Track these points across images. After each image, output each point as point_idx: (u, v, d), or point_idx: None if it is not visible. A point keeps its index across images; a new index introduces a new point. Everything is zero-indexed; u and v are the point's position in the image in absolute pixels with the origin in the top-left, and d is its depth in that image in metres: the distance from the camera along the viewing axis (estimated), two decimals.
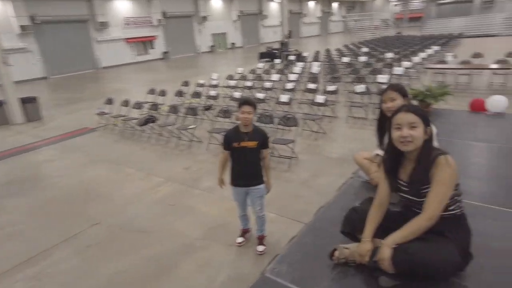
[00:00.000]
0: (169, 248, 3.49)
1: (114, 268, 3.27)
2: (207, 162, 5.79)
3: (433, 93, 4.78)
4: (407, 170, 1.83)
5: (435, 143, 2.17)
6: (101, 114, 8.37)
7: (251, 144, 2.96)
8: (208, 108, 8.53)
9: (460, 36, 23.37)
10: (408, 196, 1.84)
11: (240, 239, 3.45)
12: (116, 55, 24.31)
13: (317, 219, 2.29)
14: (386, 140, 2.46)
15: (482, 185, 2.74)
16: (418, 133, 1.72)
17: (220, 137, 6.08)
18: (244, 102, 2.91)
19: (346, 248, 1.90)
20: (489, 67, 9.54)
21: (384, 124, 2.47)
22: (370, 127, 6.99)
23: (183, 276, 3.11)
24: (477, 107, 4.88)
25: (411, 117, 1.73)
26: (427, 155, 1.71)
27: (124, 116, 7.87)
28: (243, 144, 2.95)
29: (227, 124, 6.86)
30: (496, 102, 4.50)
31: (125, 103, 8.33)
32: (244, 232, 3.50)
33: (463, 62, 10.44)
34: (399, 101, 2.33)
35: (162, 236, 3.72)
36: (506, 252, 1.88)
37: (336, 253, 1.91)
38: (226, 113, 6.61)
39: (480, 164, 3.26)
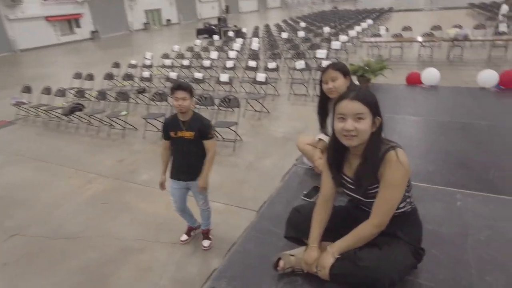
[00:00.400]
0: (104, 255, 3.11)
1: (38, 287, 2.84)
2: (143, 152, 5.33)
3: (372, 68, 4.78)
4: (353, 165, 1.55)
5: None
6: (18, 104, 7.34)
7: (188, 134, 2.65)
8: (141, 91, 7.90)
9: (391, 10, 24.47)
10: (354, 195, 1.59)
11: (184, 237, 3.19)
12: (35, 36, 21.63)
13: (260, 219, 2.05)
14: (329, 123, 2.33)
15: (425, 163, 2.71)
16: (365, 126, 1.41)
17: (157, 123, 5.64)
18: (177, 87, 2.56)
19: (292, 255, 1.67)
20: (418, 40, 10.02)
21: (325, 105, 2.32)
22: (312, 103, 6.98)
23: (122, 285, 2.79)
24: (414, 80, 5.00)
25: (357, 107, 1.41)
26: (375, 151, 1.44)
27: (46, 105, 6.98)
28: (180, 134, 2.65)
29: (164, 108, 6.40)
30: (430, 76, 4.64)
31: (47, 91, 7.39)
32: (190, 230, 3.24)
33: (395, 36, 10.86)
34: (341, 81, 2.16)
35: (95, 241, 3.31)
36: (455, 238, 1.80)
37: (281, 263, 1.66)
38: (161, 96, 6.13)
39: (422, 140, 3.27)
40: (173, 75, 7.70)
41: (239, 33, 15.32)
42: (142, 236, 3.33)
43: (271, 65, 7.88)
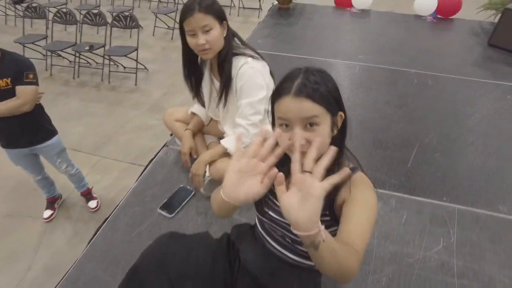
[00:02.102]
0: None
1: None
2: None
3: None
4: None
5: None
6: None
7: (2, 83, 1.81)
8: None
9: None
10: (281, 220, 0.95)
11: (47, 213, 2.51)
12: None
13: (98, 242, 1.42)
14: (205, 87, 1.68)
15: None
16: (321, 132, 0.80)
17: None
18: None
19: None
20: None
21: (195, 66, 1.63)
22: (237, 19, 6.02)
23: None
24: (342, 3, 4.15)
25: (308, 108, 0.79)
26: (337, 166, 0.88)
27: None
28: None
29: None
30: None
31: None
32: (52, 201, 2.55)
33: None
34: (216, 32, 1.45)
35: None
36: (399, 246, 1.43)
37: None
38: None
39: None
40: None
41: None
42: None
43: None
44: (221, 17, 1.40)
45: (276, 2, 4.07)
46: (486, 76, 2.69)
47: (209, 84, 1.64)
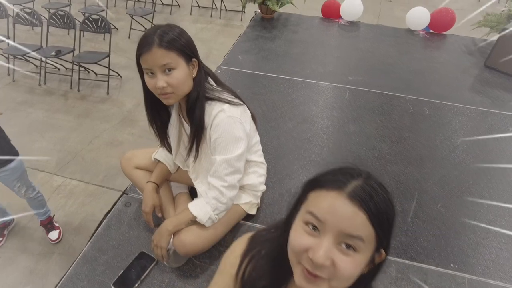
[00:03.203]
0: None
1: None
2: None
3: None
4: None
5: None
6: None
7: None
8: None
9: None
10: None
11: None
12: None
13: None
14: (171, 135, 1.40)
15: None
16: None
17: None
18: None
19: None
20: None
21: (160, 107, 1.31)
22: (219, 22, 5.71)
23: None
24: (330, 13, 3.77)
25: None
26: None
27: None
28: None
29: None
30: (351, 8, 3.56)
31: None
32: (2, 227, 2.29)
33: None
34: (181, 72, 1.10)
35: None
36: None
37: None
38: None
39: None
40: None
41: None
42: None
43: None
44: (188, 54, 1.11)
45: (259, 11, 3.77)
46: (486, 104, 2.50)
47: (178, 126, 1.36)
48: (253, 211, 1.49)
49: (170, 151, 1.42)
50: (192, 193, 1.57)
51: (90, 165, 2.95)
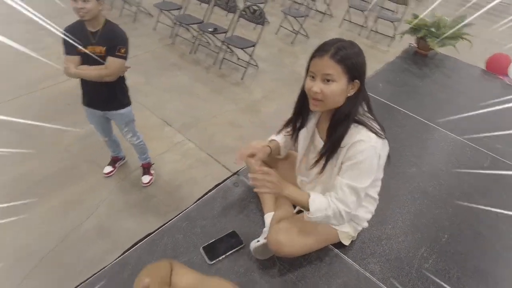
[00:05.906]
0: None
1: None
2: None
3: (441, 31, 3.14)
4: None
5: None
6: None
7: (98, 50, 1.90)
8: None
9: None
10: None
11: (108, 169, 2.71)
12: None
13: None
14: (300, 141, 1.44)
15: None
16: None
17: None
18: None
19: None
20: None
21: (303, 112, 1.37)
22: (366, 41, 5.61)
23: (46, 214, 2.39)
24: (496, 68, 3.31)
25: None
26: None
27: None
28: (90, 48, 1.90)
29: None
30: None
31: None
32: (115, 160, 2.76)
33: None
34: (338, 86, 1.14)
35: None
36: None
37: None
38: None
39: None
40: None
41: None
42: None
43: None
44: (354, 75, 1.14)
45: (414, 44, 3.56)
46: None
47: (310, 135, 1.40)
48: (346, 242, 1.47)
49: (292, 148, 1.49)
50: None
51: (208, 136, 3.24)
